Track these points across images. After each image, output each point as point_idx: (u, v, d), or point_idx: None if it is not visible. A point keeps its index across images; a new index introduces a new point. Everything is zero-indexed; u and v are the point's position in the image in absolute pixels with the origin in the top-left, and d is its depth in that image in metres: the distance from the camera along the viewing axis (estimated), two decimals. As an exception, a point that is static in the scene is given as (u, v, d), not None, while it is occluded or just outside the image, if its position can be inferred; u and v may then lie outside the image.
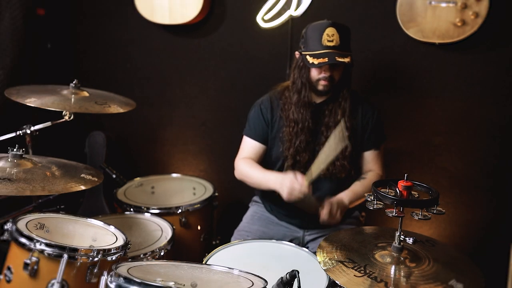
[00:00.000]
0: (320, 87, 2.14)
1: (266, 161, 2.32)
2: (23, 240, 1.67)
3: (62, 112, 2.15)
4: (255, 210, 2.44)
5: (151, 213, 2.41)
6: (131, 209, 2.46)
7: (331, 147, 1.97)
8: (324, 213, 2.05)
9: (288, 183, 2.00)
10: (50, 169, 1.87)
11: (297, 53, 2.21)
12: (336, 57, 2.02)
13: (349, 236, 1.65)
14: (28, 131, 2.17)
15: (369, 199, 1.49)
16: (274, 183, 2.09)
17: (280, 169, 2.26)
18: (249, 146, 2.31)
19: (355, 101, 2.23)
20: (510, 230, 2.59)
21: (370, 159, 2.27)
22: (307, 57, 2.07)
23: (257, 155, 2.30)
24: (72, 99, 2.17)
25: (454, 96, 2.63)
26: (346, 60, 2.03)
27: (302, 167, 2.19)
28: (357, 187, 2.20)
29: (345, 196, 2.15)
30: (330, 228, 2.23)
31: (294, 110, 2.19)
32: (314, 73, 2.13)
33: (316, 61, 2.03)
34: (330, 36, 2.05)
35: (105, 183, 2.18)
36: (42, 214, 1.92)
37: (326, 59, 2.02)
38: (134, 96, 2.55)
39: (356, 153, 2.24)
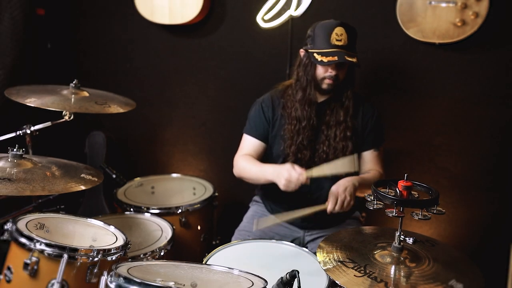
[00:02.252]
0: (325, 86, 2.14)
1: (266, 160, 2.32)
2: (23, 240, 1.67)
3: (62, 112, 2.15)
4: (256, 210, 2.44)
5: (151, 213, 2.41)
6: (131, 209, 2.46)
7: (340, 166, 1.99)
8: (330, 204, 1.98)
9: (285, 173, 1.99)
10: (50, 169, 1.87)
11: (302, 50, 2.21)
12: (346, 57, 2.02)
13: (349, 236, 1.65)
14: (28, 131, 2.17)
15: (369, 199, 1.49)
16: (272, 174, 2.07)
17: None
18: (249, 144, 2.31)
19: (357, 101, 2.23)
20: (510, 230, 2.59)
21: (369, 159, 2.27)
22: (315, 54, 2.07)
23: (256, 153, 2.30)
24: (72, 99, 2.17)
25: (454, 96, 2.63)
26: (354, 60, 2.04)
27: (304, 165, 2.18)
28: (364, 175, 2.19)
29: (354, 179, 2.08)
30: (330, 229, 2.23)
31: (298, 107, 2.19)
32: (320, 71, 2.14)
33: (325, 59, 2.03)
34: (339, 35, 2.05)
35: (105, 183, 2.18)
36: (42, 214, 1.92)
37: (335, 58, 2.02)
38: (134, 96, 2.56)
39: (357, 153, 2.24)
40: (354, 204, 2.02)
